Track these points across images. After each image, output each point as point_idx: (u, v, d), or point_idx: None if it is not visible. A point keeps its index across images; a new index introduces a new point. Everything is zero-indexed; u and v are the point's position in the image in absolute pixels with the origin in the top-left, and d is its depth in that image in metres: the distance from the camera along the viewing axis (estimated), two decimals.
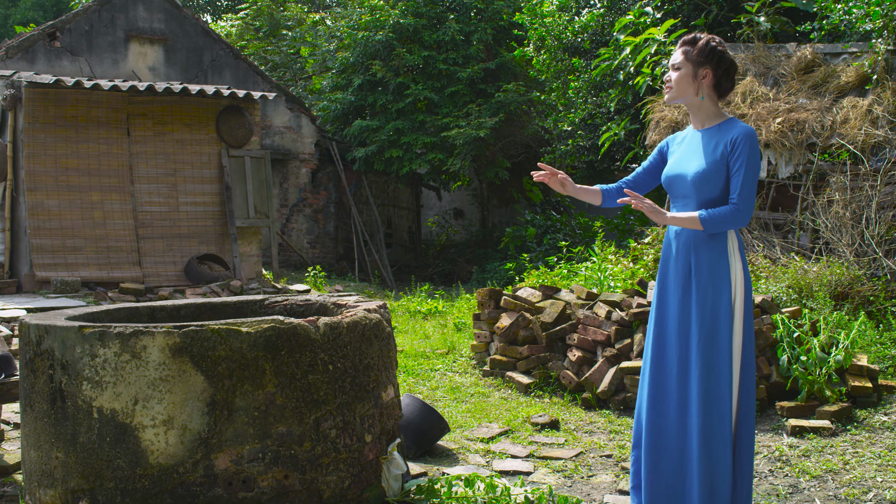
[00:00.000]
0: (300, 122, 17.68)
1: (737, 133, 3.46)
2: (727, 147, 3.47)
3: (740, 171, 3.43)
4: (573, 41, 14.04)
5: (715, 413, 3.44)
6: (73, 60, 15.05)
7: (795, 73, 9.75)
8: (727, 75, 3.57)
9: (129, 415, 3.44)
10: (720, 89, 3.58)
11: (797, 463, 4.78)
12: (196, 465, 3.43)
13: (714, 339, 3.46)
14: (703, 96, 3.56)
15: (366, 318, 3.87)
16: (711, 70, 3.54)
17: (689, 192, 3.56)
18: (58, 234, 10.99)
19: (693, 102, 3.60)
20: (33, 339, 3.68)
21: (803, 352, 5.71)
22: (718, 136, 3.52)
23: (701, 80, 3.54)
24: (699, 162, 3.53)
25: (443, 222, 23.10)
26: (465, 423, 5.68)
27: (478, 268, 16.94)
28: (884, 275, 7.73)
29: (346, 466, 3.69)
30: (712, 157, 3.49)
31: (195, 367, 3.43)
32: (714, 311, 3.47)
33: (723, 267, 3.49)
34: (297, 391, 3.55)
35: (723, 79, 3.57)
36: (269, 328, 3.52)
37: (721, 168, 3.47)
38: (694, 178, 3.52)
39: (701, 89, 3.55)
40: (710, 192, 3.49)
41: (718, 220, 3.42)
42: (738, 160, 3.44)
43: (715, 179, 3.48)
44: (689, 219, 3.47)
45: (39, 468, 3.66)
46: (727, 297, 3.47)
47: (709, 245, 3.51)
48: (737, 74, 10.55)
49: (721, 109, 3.62)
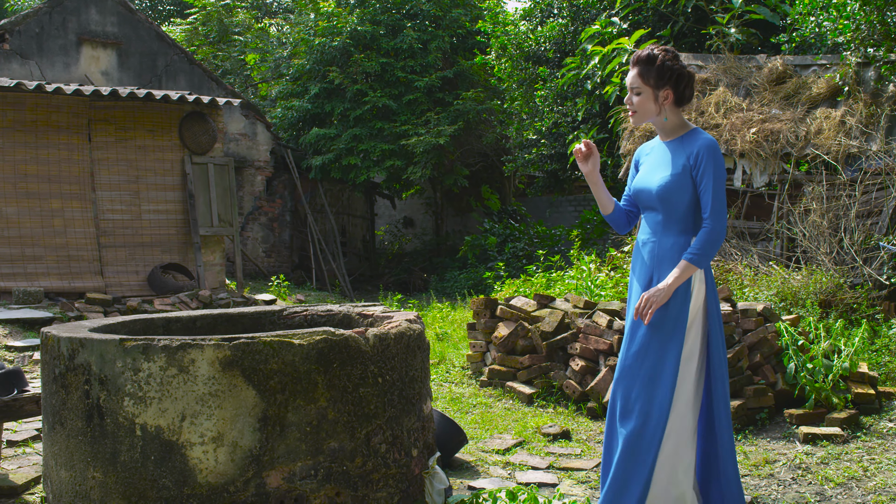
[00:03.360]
0: (255, 130, 17.41)
1: (698, 146, 3.45)
2: (689, 160, 3.46)
3: (708, 187, 3.41)
4: (536, 50, 14.07)
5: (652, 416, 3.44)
6: (22, 63, 14.58)
7: (767, 83, 9.90)
8: (687, 88, 3.55)
9: (176, 432, 3.28)
10: (682, 103, 3.57)
11: (818, 470, 4.80)
12: (247, 484, 3.29)
13: (664, 345, 3.45)
14: (665, 117, 3.55)
15: (410, 329, 3.77)
16: (672, 89, 3.51)
17: (654, 205, 3.56)
18: (16, 243, 10.60)
19: (657, 122, 3.59)
20: (64, 352, 3.50)
21: (808, 359, 5.75)
22: (682, 148, 3.52)
23: (663, 101, 3.52)
24: (663, 175, 3.52)
25: (395, 231, 22.99)
26: (476, 434, 5.59)
27: (436, 277, 16.86)
28: (865, 283, 7.85)
29: (395, 482, 3.58)
30: (675, 170, 3.48)
31: (246, 382, 3.29)
32: (665, 317, 3.46)
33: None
34: (348, 405, 3.44)
35: (684, 93, 3.55)
36: (321, 340, 3.40)
37: (684, 181, 3.46)
38: (658, 191, 3.51)
39: (663, 110, 3.53)
40: (675, 205, 3.50)
41: (704, 251, 3.40)
42: (703, 175, 3.42)
43: (678, 193, 3.48)
44: (683, 272, 3.42)
45: (72, 489, 3.47)
46: (684, 306, 3.45)
47: (671, 257, 3.51)
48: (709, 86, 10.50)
49: (685, 120, 3.60)
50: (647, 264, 3.58)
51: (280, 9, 26.80)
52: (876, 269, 7.99)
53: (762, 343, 5.86)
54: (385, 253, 21.78)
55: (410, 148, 16.27)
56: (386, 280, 18.66)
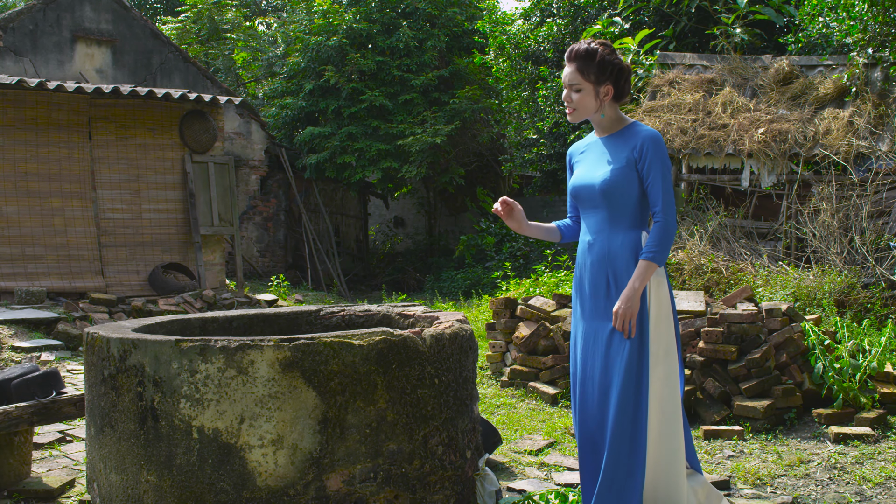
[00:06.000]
0: (250, 128, 17.30)
1: (641, 139, 3.36)
2: (633, 153, 3.37)
3: (656, 180, 3.33)
4: (535, 50, 14.05)
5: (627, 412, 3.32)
6: (16, 61, 14.42)
7: (774, 84, 9.92)
8: (626, 82, 3.46)
9: (234, 434, 3.23)
10: (621, 97, 3.47)
11: (853, 470, 4.80)
12: (307, 487, 3.24)
13: (635, 343, 3.33)
14: (603, 114, 3.45)
15: (462, 330, 3.73)
16: (612, 85, 3.42)
17: (598, 203, 3.43)
18: (17, 242, 10.47)
19: (595, 118, 3.48)
20: (115, 354, 3.43)
21: (834, 359, 5.76)
22: (622, 142, 3.42)
23: (603, 97, 3.42)
24: (605, 170, 3.41)
25: (386, 231, 22.92)
26: (505, 435, 5.55)
27: (432, 277, 16.81)
28: (878, 282, 7.88)
29: (450, 484, 3.54)
30: (618, 164, 3.38)
31: (306, 383, 3.24)
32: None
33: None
34: (406, 406, 3.39)
35: (623, 88, 3.46)
36: (380, 341, 3.35)
37: (629, 175, 3.36)
38: (602, 187, 3.39)
39: (603, 105, 3.44)
40: (621, 201, 3.39)
41: (662, 247, 3.30)
42: (649, 168, 3.33)
43: (624, 187, 3.37)
44: (646, 272, 3.31)
45: (124, 492, 3.41)
46: (643, 305, 3.35)
47: (623, 255, 3.39)
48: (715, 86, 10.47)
49: (622, 114, 3.51)
50: (598, 264, 3.43)
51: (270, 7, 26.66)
52: (888, 269, 8.02)
53: (788, 343, 5.86)
54: (377, 253, 21.71)
55: (406, 147, 16.22)
56: (380, 280, 18.60)
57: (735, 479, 4.68)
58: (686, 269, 8.08)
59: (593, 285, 3.45)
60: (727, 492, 4.43)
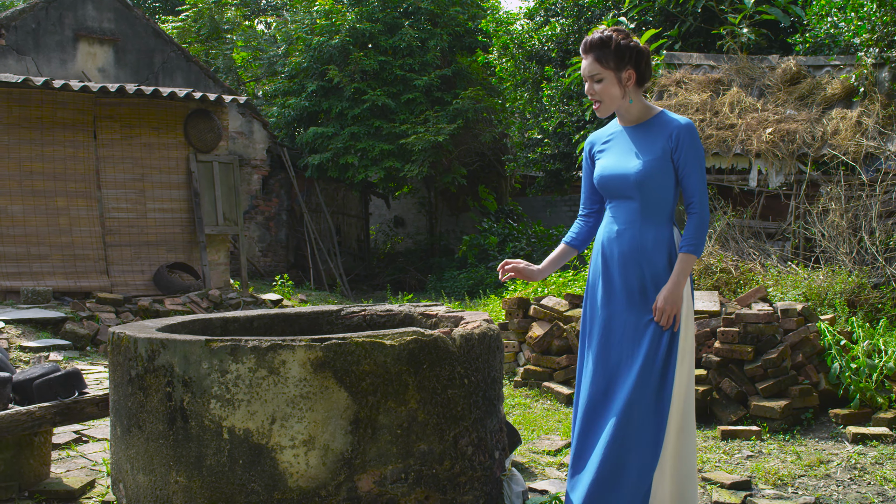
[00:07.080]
0: (252, 128, 17.27)
1: (677, 128, 3.28)
2: (668, 142, 3.29)
3: (693, 172, 3.29)
4: (539, 49, 14.04)
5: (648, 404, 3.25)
6: (18, 59, 14.37)
7: (781, 84, 9.91)
8: (647, 65, 3.39)
9: (266, 435, 3.21)
10: (643, 82, 3.39)
11: (874, 471, 4.79)
12: (339, 488, 3.22)
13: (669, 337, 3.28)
14: (631, 99, 3.36)
15: (490, 330, 3.71)
16: (634, 69, 3.32)
17: (631, 193, 3.34)
18: (22, 242, 10.43)
19: (622, 106, 3.37)
20: (143, 353, 3.41)
21: (850, 359, 5.75)
22: (655, 132, 3.33)
23: (626, 82, 3.32)
24: (640, 161, 3.31)
25: (387, 230, 22.89)
26: (523, 435, 5.54)
27: (434, 276, 16.79)
28: (888, 282, 7.87)
29: (480, 485, 3.52)
30: (653, 155, 3.29)
31: (338, 383, 3.22)
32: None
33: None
34: (437, 406, 3.37)
35: (645, 71, 3.38)
36: (411, 340, 3.33)
37: (665, 166, 3.29)
38: (637, 177, 3.30)
39: (628, 92, 3.34)
40: (655, 192, 3.31)
41: (699, 239, 3.26)
42: (685, 159, 3.27)
43: (660, 178, 3.29)
44: (688, 265, 3.27)
45: (151, 493, 3.39)
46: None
47: (657, 250, 3.33)
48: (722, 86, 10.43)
49: (648, 102, 3.43)
50: (630, 255, 3.34)
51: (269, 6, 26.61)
52: None
53: (804, 343, 5.85)
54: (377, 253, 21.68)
55: (409, 146, 16.20)
56: (381, 280, 18.58)
57: (756, 479, 4.67)
58: (695, 269, 8.07)
59: (624, 277, 3.35)
60: (749, 492, 4.42)
